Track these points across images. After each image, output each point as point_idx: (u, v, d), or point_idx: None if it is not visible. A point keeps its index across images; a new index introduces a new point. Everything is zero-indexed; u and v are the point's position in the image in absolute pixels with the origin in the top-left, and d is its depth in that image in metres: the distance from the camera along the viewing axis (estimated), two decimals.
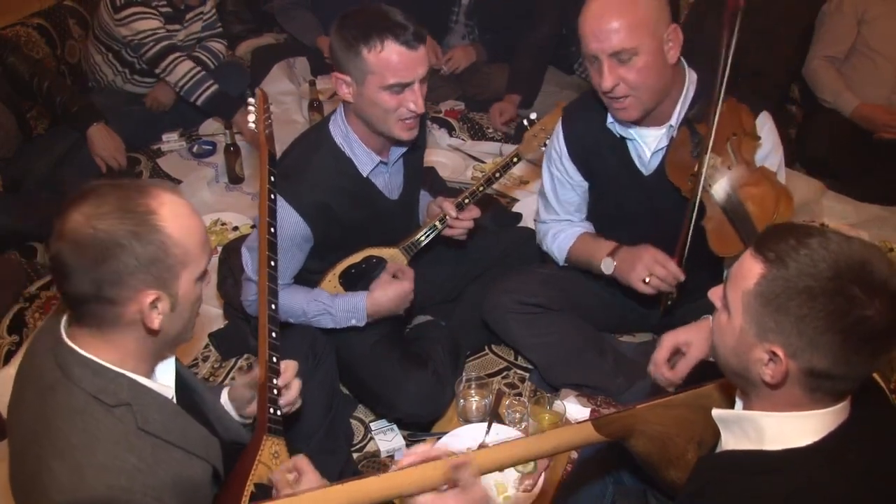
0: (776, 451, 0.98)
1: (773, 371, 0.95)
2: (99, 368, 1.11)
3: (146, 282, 1.09)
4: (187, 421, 1.21)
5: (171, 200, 1.12)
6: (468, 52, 3.58)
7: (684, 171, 1.73)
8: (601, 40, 1.63)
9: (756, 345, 0.96)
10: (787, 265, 0.92)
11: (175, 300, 1.14)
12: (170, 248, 1.09)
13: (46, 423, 1.08)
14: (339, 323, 1.90)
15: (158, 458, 1.11)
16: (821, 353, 0.91)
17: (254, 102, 1.81)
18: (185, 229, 1.12)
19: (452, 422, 1.98)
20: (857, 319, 0.89)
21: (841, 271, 0.89)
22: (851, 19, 2.98)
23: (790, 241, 0.93)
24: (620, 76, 1.66)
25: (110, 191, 1.08)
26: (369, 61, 1.67)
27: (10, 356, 2.18)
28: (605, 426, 1.19)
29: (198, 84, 3.14)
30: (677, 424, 1.22)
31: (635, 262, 1.82)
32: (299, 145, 1.90)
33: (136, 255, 1.06)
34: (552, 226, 2.10)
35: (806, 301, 0.90)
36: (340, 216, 1.85)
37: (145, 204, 1.08)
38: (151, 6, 3.07)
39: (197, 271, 1.16)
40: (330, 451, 1.81)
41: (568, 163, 1.97)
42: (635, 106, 1.72)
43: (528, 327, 2.05)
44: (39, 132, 3.09)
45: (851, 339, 0.89)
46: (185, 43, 3.31)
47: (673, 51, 1.69)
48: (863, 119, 2.92)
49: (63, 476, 1.05)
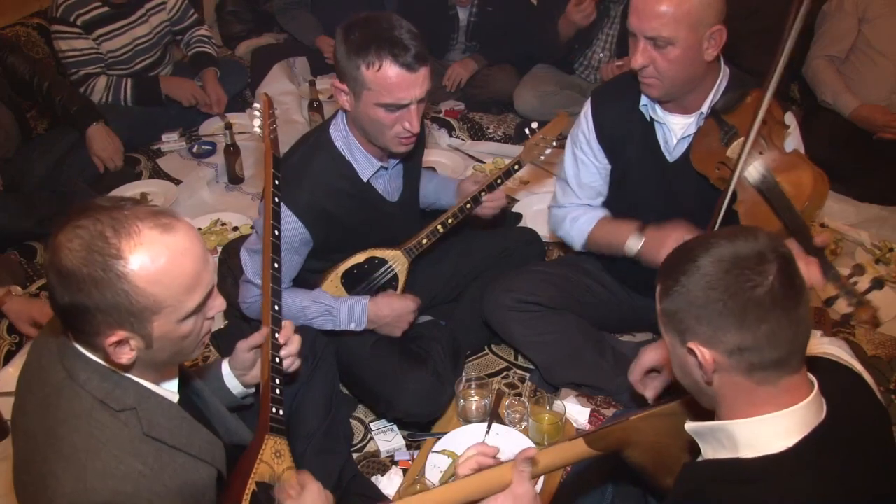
0: (752, 458, 0.99)
1: (704, 366, 1.00)
2: (106, 373, 1.10)
3: (108, 324, 1.04)
4: (192, 426, 1.20)
5: (152, 241, 1.03)
6: (467, 65, 3.60)
7: (711, 159, 1.75)
8: (642, 20, 1.66)
9: (683, 353, 1.03)
10: (673, 275, 1.01)
11: (149, 340, 1.08)
12: (133, 296, 1.02)
13: (52, 428, 1.08)
14: (338, 325, 1.91)
15: (163, 463, 1.11)
16: (724, 330, 0.97)
17: (259, 107, 1.81)
18: (157, 276, 1.03)
19: (452, 422, 1.98)
20: (737, 289, 0.96)
21: (721, 260, 0.98)
22: (852, 19, 2.98)
23: (673, 256, 1.04)
24: (652, 58, 1.69)
25: (90, 222, 1.01)
26: (366, 77, 1.64)
27: (11, 356, 2.18)
28: (597, 441, 1.19)
29: (117, 89, 3.17)
30: (671, 433, 1.22)
31: (665, 239, 1.81)
32: (300, 148, 1.90)
33: (95, 300, 1.01)
34: (571, 210, 2.09)
35: (696, 295, 0.98)
36: (340, 219, 1.85)
37: (116, 246, 1.00)
38: (74, 24, 3.01)
39: (179, 314, 1.08)
40: (330, 451, 1.81)
41: (595, 144, 1.98)
42: (658, 87, 1.75)
43: (528, 326, 2.05)
44: (39, 132, 3.10)
45: (737, 307, 0.96)
46: (153, 38, 3.29)
47: (711, 49, 1.70)
48: (862, 120, 2.92)
49: (68, 482, 1.04)
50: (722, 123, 1.75)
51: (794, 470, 0.97)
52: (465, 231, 2.21)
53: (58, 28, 3.03)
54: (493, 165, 3.15)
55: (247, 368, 1.50)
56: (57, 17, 3.01)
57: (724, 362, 0.99)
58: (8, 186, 2.70)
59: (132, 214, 1.03)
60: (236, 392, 1.52)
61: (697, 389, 1.07)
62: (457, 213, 2.01)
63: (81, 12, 3.02)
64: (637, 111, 1.87)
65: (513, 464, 1.07)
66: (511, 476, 1.07)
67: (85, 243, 1.00)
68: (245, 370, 1.50)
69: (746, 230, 1.01)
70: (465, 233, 2.23)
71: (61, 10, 2.99)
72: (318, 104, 3.16)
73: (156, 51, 3.34)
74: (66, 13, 3.00)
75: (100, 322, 1.04)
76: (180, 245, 1.05)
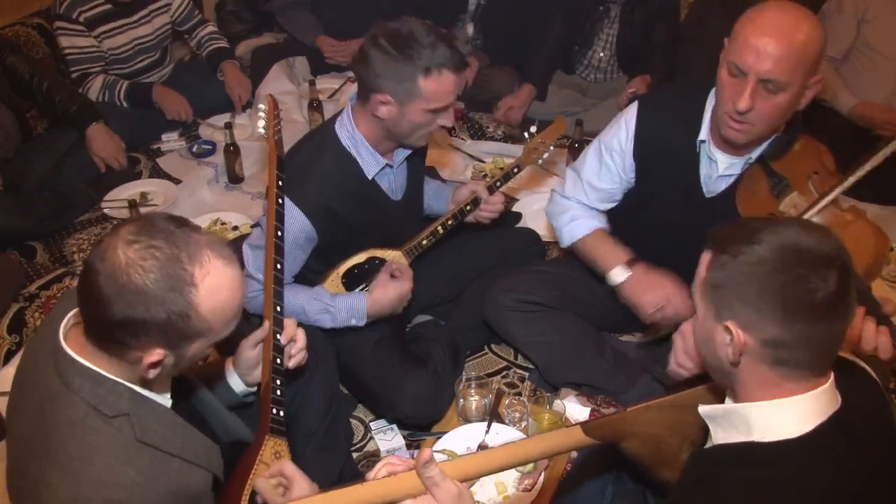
0: (768, 442, 0.99)
1: (732, 348, 0.99)
2: (100, 378, 1.10)
3: (157, 342, 1.08)
4: (187, 431, 1.20)
5: (218, 272, 1.08)
6: (471, 65, 3.59)
7: (760, 208, 1.68)
8: (760, 59, 1.50)
9: (715, 327, 1.01)
10: (730, 249, 0.99)
11: (181, 359, 1.13)
12: (193, 321, 1.07)
13: (45, 435, 1.08)
14: (338, 322, 1.90)
15: (157, 470, 1.11)
16: (768, 319, 0.95)
17: (264, 108, 1.81)
18: (217, 307, 1.09)
19: (452, 421, 1.99)
20: (795, 286, 0.94)
21: (776, 250, 0.95)
22: (851, 19, 2.98)
23: (734, 229, 1.02)
24: (757, 102, 1.55)
25: (164, 243, 1.05)
26: (424, 88, 1.69)
27: (11, 356, 2.18)
28: (595, 430, 1.19)
29: (111, 90, 3.17)
30: (670, 426, 1.22)
31: (655, 287, 1.77)
32: (305, 146, 1.91)
33: (158, 320, 1.05)
34: (573, 207, 2.03)
35: (747, 276, 0.97)
36: (345, 217, 1.86)
37: (190, 273, 1.05)
38: (77, 21, 3.01)
39: (213, 340, 1.14)
40: (330, 450, 1.81)
41: (629, 159, 1.89)
42: (749, 134, 1.63)
43: (528, 326, 2.05)
44: (39, 132, 3.09)
45: (790, 303, 0.94)
46: (155, 39, 3.29)
47: (806, 99, 1.61)
48: (861, 118, 2.91)
49: (61, 490, 1.05)
50: (770, 171, 1.68)
51: (809, 455, 0.97)
52: (464, 231, 2.21)
53: (60, 24, 3.03)
54: (492, 165, 3.14)
55: (251, 367, 1.50)
56: (60, 14, 3.01)
57: (754, 349, 0.98)
58: (8, 186, 2.70)
59: (201, 242, 1.08)
60: (239, 391, 1.52)
61: (717, 365, 1.06)
62: (457, 214, 2.02)
63: (85, 9, 3.02)
64: (689, 139, 1.77)
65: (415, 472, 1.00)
66: (418, 483, 1.00)
67: (160, 265, 1.03)
68: (249, 369, 1.50)
69: (819, 227, 0.99)
70: (465, 233, 2.23)
71: (64, 6, 2.99)
72: (317, 104, 3.16)
73: (156, 51, 3.34)
74: (69, 10, 3.00)
75: (150, 339, 1.07)
76: (237, 279, 1.12)
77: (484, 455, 1.10)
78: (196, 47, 3.54)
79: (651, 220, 1.93)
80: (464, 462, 1.07)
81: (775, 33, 1.50)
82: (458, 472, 1.03)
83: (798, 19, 1.53)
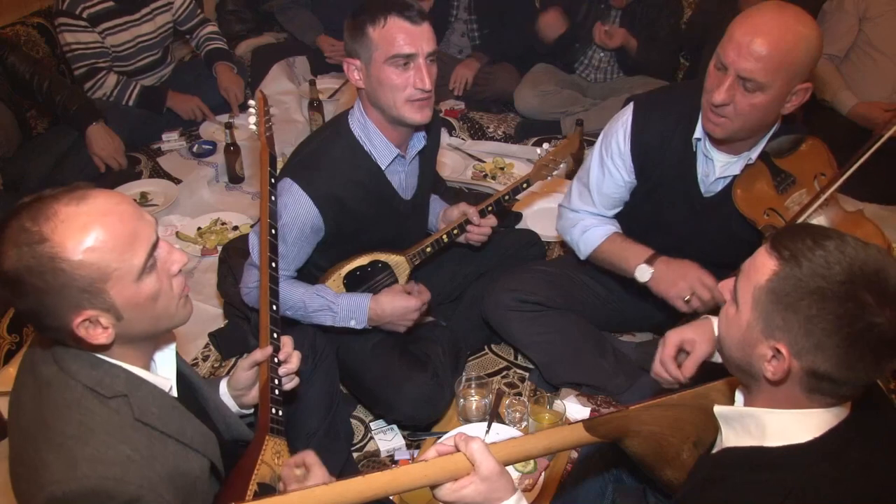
0: (777, 447, 0.99)
1: (775, 368, 0.96)
2: (96, 361, 1.11)
3: (67, 308, 1.03)
4: (185, 415, 1.20)
5: (70, 216, 1.02)
6: (470, 65, 3.60)
7: (761, 204, 1.68)
8: (741, 57, 1.52)
9: (762, 340, 0.96)
10: (801, 264, 0.91)
11: (115, 310, 1.07)
12: (74, 272, 1.01)
13: (42, 419, 1.08)
14: (338, 321, 1.89)
15: (154, 449, 1.11)
16: (825, 355, 0.91)
17: (254, 105, 1.81)
18: (87, 245, 1.02)
19: (452, 421, 1.99)
20: (866, 325, 0.88)
21: (854, 276, 0.89)
22: (852, 18, 2.98)
23: (807, 240, 0.93)
24: (734, 98, 1.57)
25: (10, 221, 1.01)
26: (374, 38, 1.70)
27: (11, 356, 2.18)
28: (596, 427, 1.19)
29: (124, 88, 3.18)
30: (672, 425, 1.22)
31: (678, 279, 1.77)
32: (317, 136, 1.92)
33: (43, 291, 1.01)
34: (583, 217, 2.03)
35: (816, 302, 0.90)
36: (354, 210, 1.85)
37: (38, 232, 1.00)
38: (80, 17, 3.01)
39: (131, 275, 1.06)
40: (330, 450, 1.81)
41: (628, 160, 1.89)
42: (726, 128, 1.64)
43: (528, 326, 2.05)
44: (39, 132, 3.09)
45: (858, 345, 0.89)
46: (157, 37, 3.30)
47: (791, 105, 1.62)
48: (860, 117, 2.91)
49: (57, 468, 1.05)
50: (775, 169, 1.68)
51: (818, 459, 0.96)
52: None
53: (63, 21, 3.03)
54: (492, 165, 3.15)
55: (246, 388, 1.49)
56: (63, 10, 3.02)
57: (797, 374, 0.95)
58: (8, 186, 2.70)
59: (49, 198, 1.03)
60: (234, 409, 1.52)
61: (743, 367, 1.02)
62: (462, 224, 2.02)
63: (88, 5, 3.04)
64: (685, 138, 1.78)
65: (462, 454, 1.07)
66: (466, 463, 1.06)
67: (12, 242, 1.00)
68: (244, 390, 1.49)
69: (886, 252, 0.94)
70: None
71: (67, 2, 3.00)
72: (318, 104, 3.16)
73: (158, 49, 3.35)
74: (72, 6, 3.01)
75: (58, 311, 1.03)
76: (100, 208, 1.04)
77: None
78: (196, 47, 3.55)
79: (653, 217, 1.94)
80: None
81: (762, 34, 1.50)
82: None
83: (791, 23, 1.52)
